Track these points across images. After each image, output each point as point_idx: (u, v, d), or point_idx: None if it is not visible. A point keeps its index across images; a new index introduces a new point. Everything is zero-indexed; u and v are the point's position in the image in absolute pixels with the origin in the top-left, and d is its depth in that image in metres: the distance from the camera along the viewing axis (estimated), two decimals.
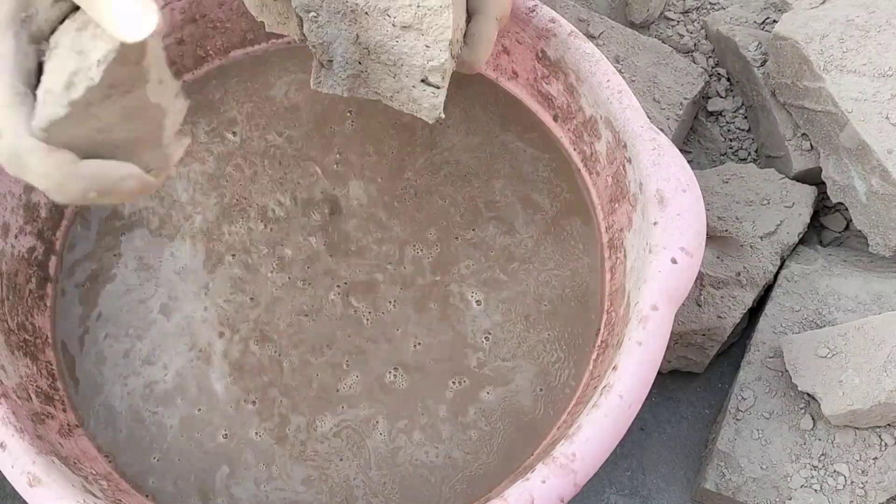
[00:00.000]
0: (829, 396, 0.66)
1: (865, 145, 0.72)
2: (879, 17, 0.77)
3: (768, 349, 0.72)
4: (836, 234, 0.83)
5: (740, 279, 0.75)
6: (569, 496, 0.50)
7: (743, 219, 0.77)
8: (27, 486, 0.51)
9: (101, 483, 0.57)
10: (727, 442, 0.69)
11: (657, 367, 0.54)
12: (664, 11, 0.93)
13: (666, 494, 0.73)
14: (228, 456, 0.60)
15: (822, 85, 0.75)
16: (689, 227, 0.57)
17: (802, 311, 0.73)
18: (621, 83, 0.64)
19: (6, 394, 0.56)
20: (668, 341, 0.55)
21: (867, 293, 0.73)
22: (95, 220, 0.69)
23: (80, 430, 0.61)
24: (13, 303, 0.62)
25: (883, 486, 0.66)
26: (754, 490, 0.67)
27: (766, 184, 0.79)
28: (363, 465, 0.59)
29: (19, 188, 0.65)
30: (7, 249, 0.63)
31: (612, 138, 0.64)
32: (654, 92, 0.83)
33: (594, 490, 0.73)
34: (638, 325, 0.54)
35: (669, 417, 0.76)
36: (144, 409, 0.62)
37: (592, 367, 0.62)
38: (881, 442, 0.67)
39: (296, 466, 0.59)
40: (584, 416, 0.52)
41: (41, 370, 0.62)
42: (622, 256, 0.63)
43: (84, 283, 0.66)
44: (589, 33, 0.86)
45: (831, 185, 0.77)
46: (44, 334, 0.64)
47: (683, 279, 0.56)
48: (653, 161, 0.60)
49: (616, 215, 0.65)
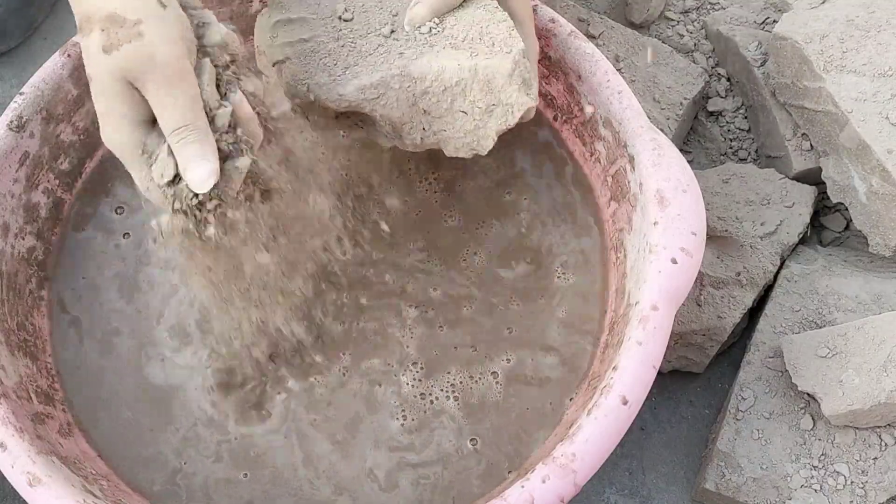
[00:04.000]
0: (829, 396, 0.66)
1: (865, 145, 0.72)
2: (879, 17, 0.77)
3: (768, 349, 0.72)
4: (836, 234, 0.83)
5: (740, 279, 0.75)
6: (569, 496, 0.50)
7: (743, 219, 0.77)
8: (27, 486, 0.52)
9: (101, 483, 0.57)
10: (727, 442, 0.69)
11: (657, 367, 0.54)
12: (664, 11, 0.93)
13: (666, 494, 0.73)
14: (229, 455, 0.60)
15: (822, 85, 0.75)
16: (689, 227, 0.57)
17: (802, 311, 0.73)
18: (621, 83, 0.64)
19: (6, 394, 0.56)
20: (668, 341, 0.55)
21: (867, 293, 0.73)
22: (96, 220, 0.69)
23: (80, 430, 0.61)
24: (13, 303, 0.62)
25: (883, 486, 0.66)
26: (754, 490, 0.67)
27: (766, 184, 0.79)
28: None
29: (19, 188, 0.65)
30: (7, 249, 0.63)
31: (612, 138, 0.64)
32: (654, 92, 0.83)
33: (594, 490, 0.73)
34: (638, 325, 0.54)
35: (669, 417, 0.76)
36: (145, 409, 0.62)
37: (593, 366, 0.62)
38: (881, 442, 0.67)
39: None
40: (585, 416, 0.52)
41: (41, 370, 0.62)
42: (622, 256, 0.63)
43: (84, 284, 0.66)
44: (589, 33, 0.86)
45: (831, 185, 0.77)
46: (43, 334, 0.64)
47: (683, 279, 0.56)
48: (653, 161, 0.60)
49: (616, 215, 0.65)
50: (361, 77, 0.56)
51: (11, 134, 0.64)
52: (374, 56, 0.57)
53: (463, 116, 0.58)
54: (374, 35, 0.58)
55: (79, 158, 0.69)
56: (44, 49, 0.98)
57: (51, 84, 0.66)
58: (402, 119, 0.58)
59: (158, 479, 0.59)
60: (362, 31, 0.58)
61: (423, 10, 0.57)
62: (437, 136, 0.59)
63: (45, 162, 0.66)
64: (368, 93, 0.56)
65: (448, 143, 0.60)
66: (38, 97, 0.65)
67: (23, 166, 0.65)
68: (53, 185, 0.68)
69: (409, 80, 0.56)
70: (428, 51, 0.57)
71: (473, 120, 0.58)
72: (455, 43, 0.57)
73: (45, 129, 0.66)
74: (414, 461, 0.60)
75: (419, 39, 0.58)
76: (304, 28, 0.59)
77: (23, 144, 0.64)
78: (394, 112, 0.57)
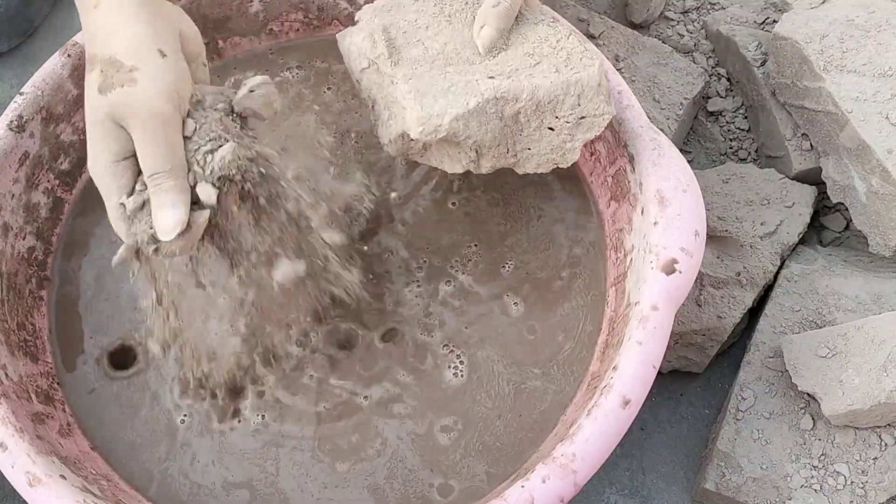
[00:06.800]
0: (829, 396, 0.66)
1: (865, 145, 0.72)
2: (879, 17, 0.77)
3: (768, 349, 0.72)
4: (836, 234, 0.83)
5: (740, 279, 0.75)
6: (569, 496, 0.50)
7: (743, 219, 0.77)
8: (27, 486, 0.52)
9: (101, 483, 0.57)
10: (727, 442, 0.69)
11: (657, 367, 0.54)
12: (664, 11, 0.93)
13: (666, 494, 0.73)
14: (228, 455, 0.60)
15: (822, 85, 0.75)
16: (689, 227, 0.57)
17: (802, 311, 0.73)
18: (621, 83, 0.64)
19: (6, 394, 0.56)
20: (668, 341, 0.55)
21: (867, 293, 0.73)
22: (95, 220, 0.69)
23: (80, 429, 0.61)
24: (13, 303, 0.62)
25: (883, 486, 0.66)
26: (754, 490, 0.67)
27: (766, 184, 0.79)
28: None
29: (19, 188, 0.65)
30: (7, 249, 0.63)
31: (611, 138, 0.64)
32: (654, 92, 0.83)
33: (594, 490, 0.73)
34: (638, 325, 0.54)
35: (669, 417, 0.76)
36: (145, 409, 0.62)
37: (593, 366, 0.62)
38: (881, 442, 0.67)
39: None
40: (585, 416, 0.52)
41: (41, 370, 0.62)
42: (622, 256, 0.63)
43: (84, 284, 0.66)
44: (589, 33, 0.86)
45: (831, 185, 0.77)
46: (43, 334, 0.64)
47: (683, 279, 0.56)
48: (653, 161, 0.60)
49: (616, 215, 0.65)
50: (456, 106, 0.56)
51: (11, 134, 0.64)
52: (460, 83, 0.56)
53: (550, 133, 0.58)
54: (455, 62, 0.58)
55: (79, 158, 0.69)
56: (44, 49, 0.98)
57: (51, 84, 0.66)
58: (491, 143, 0.57)
59: (158, 478, 0.59)
60: (441, 62, 0.58)
61: (491, 32, 0.58)
62: (518, 155, 0.59)
63: (45, 162, 0.66)
64: (465, 121, 0.56)
65: (529, 160, 0.59)
66: (38, 97, 0.65)
67: (23, 166, 0.65)
68: (53, 185, 0.68)
69: (503, 102, 0.56)
70: (513, 71, 0.57)
71: (560, 135, 0.58)
72: (534, 60, 0.58)
73: (45, 129, 0.66)
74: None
75: (499, 60, 0.58)
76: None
77: (23, 144, 0.64)
78: (486, 136, 0.57)
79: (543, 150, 0.59)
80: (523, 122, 0.57)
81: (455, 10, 0.61)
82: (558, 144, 0.58)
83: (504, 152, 0.59)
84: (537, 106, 0.56)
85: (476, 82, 0.56)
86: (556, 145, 0.58)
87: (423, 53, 0.58)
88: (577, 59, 0.58)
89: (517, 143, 0.58)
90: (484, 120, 0.56)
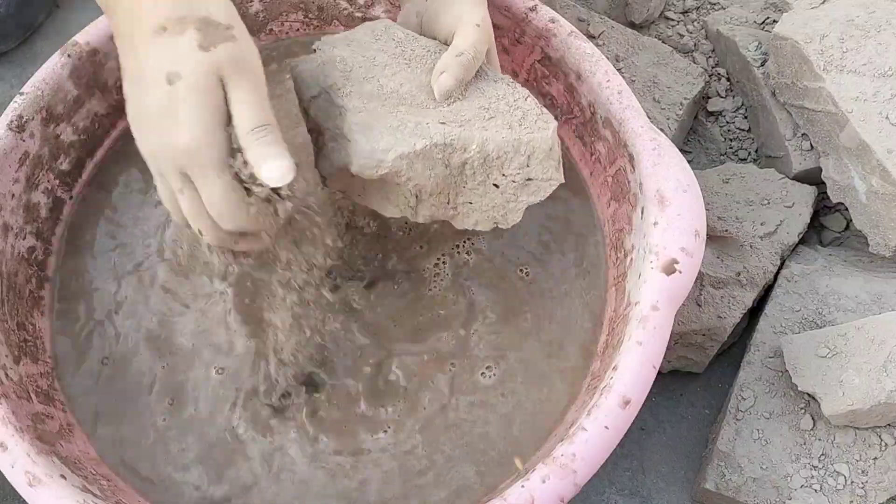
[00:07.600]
0: (829, 396, 0.66)
1: (865, 145, 0.72)
2: (879, 17, 0.77)
3: (768, 349, 0.72)
4: (836, 234, 0.83)
5: (740, 279, 0.75)
6: (569, 496, 0.50)
7: (743, 219, 0.77)
8: (27, 486, 0.52)
9: (101, 483, 0.57)
10: (727, 442, 0.69)
11: (657, 367, 0.54)
12: (664, 11, 0.93)
13: (666, 494, 0.73)
14: (230, 455, 0.60)
15: (822, 85, 0.75)
16: (690, 227, 0.57)
17: (802, 311, 0.73)
18: (621, 83, 0.64)
19: (6, 394, 0.56)
20: (668, 341, 0.55)
21: (867, 293, 0.73)
22: (95, 220, 0.69)
23: (80, 429, 0.61)
24: (13, 303, 0.62)
25: (883, 486, 0.66)
26: (754, 490, 0.67)
27: (766, 184, 0.79)
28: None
29: (19, 188, 0.65)
30: (7, 249, 0.63)
31: (612, 138, 0.64)
32: (654, 92, 0.83)
33: (594, 490, 0.73)
34: (638, 325, 0.54)
35: (669, 417, 0.76)
36: (145, 409, 0.62)
37: (593, 366, 0.62)
38: (881, 442, 0.67)
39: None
40: (585, 416, 0.52)
41: (41, 370, 0.62)
42: (622, 256, 0.63)
43: (83, 284, 0.66)
44: (589, 33, 0.86)
45: (831, 185, 0.77)
46: (43, 334, 0.64)
47: (683, 279, 0.56)
48: (653, 161, 0.60)
49: (616, 215, 0.65)
50: (403, 145, 0.54)
51: (11, 134, 0.64)
52: (410, 123, 0.55)
53: (494, 190, 0.56)
54: (408, 104, 0.56)
55: (79, 158, 0.69)
56: (44, 49, 0.98)
57: (51, 84, 0.66)
58: (433, 190, 0.56)
59: (159, 479, 0.59)
60: (394, 101, 0.56)
61: (450, 80, 0.57)
62: (458, 208, 0.58)
63: (45, 162, 0.66)
64: (410, 161, 0.54)
65: (469, 215, 0.58)
66: (38, 97, 0.65)
67: (23, 166, 0.65)
68: (53, 185, 0.68)
69: (452, 149, 0.54)
70: (466, 121, 0.56)
71: (505, 193, 0.56)
72: (489, 115, 0.56)
73: (45, 129, 0.66)
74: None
75: (453, 109, 0.57)
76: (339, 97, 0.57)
77: (23, 144, 0.64)
78: (429, 182, 0.55)
79: (485, 207, 0.57)
80: (468, 174, 0.55)
81: (416, 55, 0.59)
82: (501, 203, 0.57)
83: (444, 202, 0.57)
84: (485, 159, 0.55)
85: (427, 125, 0.55)
86: (498, 203, 0.57)
87: (377, 90, 0.57)
88: (533, 120, 0.56)
89: (459, 196, 0.57)
90: (429, 164, 0.54)
